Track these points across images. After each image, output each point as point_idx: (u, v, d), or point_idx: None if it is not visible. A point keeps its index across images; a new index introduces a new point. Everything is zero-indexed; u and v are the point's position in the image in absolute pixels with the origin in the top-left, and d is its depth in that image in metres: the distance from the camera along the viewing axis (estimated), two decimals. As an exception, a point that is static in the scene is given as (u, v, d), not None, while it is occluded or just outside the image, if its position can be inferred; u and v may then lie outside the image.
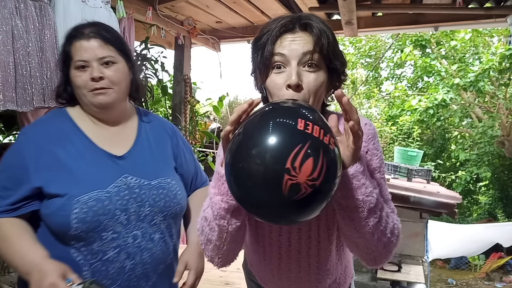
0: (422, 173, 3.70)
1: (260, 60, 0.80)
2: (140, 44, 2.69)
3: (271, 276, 0.99)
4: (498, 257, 6.16)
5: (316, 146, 0.63)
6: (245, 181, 0.64)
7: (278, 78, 0.78)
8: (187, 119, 3.21)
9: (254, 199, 0.66)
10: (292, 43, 0.78)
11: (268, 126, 0.64)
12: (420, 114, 7.72)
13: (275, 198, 0.63)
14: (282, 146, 0.62)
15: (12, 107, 1.32)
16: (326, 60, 0.80)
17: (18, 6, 1.34)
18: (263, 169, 0.62)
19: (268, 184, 0.62)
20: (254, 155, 0.63)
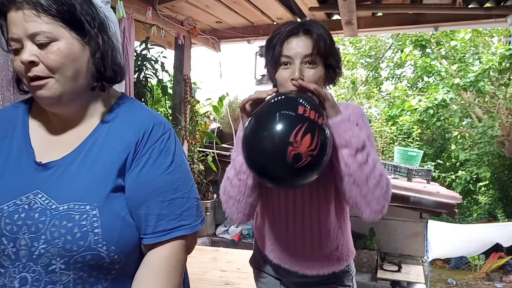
0: (422, 173, 3.70)
1: (271, 58, 1.03)
2: (140, 44, 2.69)
3: (280, 243, 1.13)
4: (498, 257, 6.16)
5: (313, 126, 0.84)
6: (260, 158, 0.86)
7: (284, 73, 1.01)
8: (187, 119, 3.21)
9: (267, 170, 0.87)
10: (297, 47, 0.99)
11: (275, 114, 0.86)
12: (420, 114, 7.72)
13: (283, 166, 0.84)
14: (287, 126, 0.83)
15: None
16: (323, 59, 1.01)
17: (17, 6, 1.34)
18: (272, 146, 0.83)
19: (277, 156, 0.83)
20: (266, 136, 0.84)
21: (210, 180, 3.84)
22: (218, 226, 3.88)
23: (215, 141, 3.69)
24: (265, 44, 1.07)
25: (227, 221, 3.95)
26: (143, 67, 2.58)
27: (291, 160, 0.82)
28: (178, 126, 3.01)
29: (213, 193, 3.82)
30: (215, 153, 3.76)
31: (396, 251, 3.39)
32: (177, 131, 2.88)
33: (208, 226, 3.73)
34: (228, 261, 2.30)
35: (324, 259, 1.12)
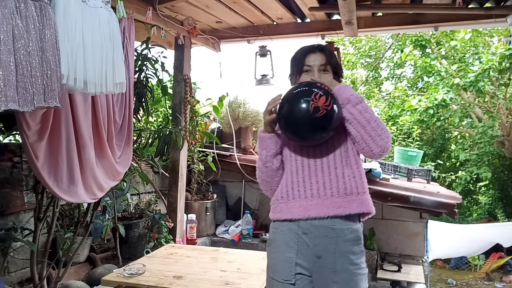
0: (422, 173, 3.70)
1: (296, 67, 1.53)
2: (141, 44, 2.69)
3: (302, 190, 1.43)
4: (498, 257, 6.16)
5: (326, 92, 1.34)
6: (291, 115, 1.36)
7: (306, 77, 1.49)
8: (187, 119, 3.20)
9: (294, 123, 1.36)
10: (315, 60, 1.50)
11: (301, 87, 1.39)
12: (420, 114, 7.71)
13: (306, 115, 1.32)
14: (309, 90, 1.34)
15: (14, 107, 1.31)
16: (332, 68, 1.52)
17: (18, 6, 1.34)
18: (300, 103, 1.33)
19: (302, 109, 1.32)
20: (295, 99, 1.36)
21: (210, 180, 3.83)
22: (218, 226, 3.88)
23: (215, 141, 3.69)
24: (291, 59, 1.56)
25: (227, 221, 3.95)
26: (144, 67, 2.58)
27: (311, 110, 1.30)
28: (178, 126, 3.01)
29: (213, 193, 3.82)
30: (215, 153, 3.76)
31: (396, 251, 3.39)
32: (177, 131, 2.87)
33: (208, 226, 3.73)
34: (228, 261, 2.29)
35: (341, 201, 1.39)
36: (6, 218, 2.32)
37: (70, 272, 2.56)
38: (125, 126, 2.21)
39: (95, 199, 2.07)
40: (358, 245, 1.40)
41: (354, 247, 1.38)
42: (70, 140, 1.84)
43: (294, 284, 1.40)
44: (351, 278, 1.35)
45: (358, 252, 1.38)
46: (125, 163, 2.24)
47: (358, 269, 1.37)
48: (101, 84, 1.71)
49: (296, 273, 1.40)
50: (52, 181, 1.77)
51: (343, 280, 1.35)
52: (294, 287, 1.40)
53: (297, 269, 1.40)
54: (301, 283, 1.40)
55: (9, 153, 2.35)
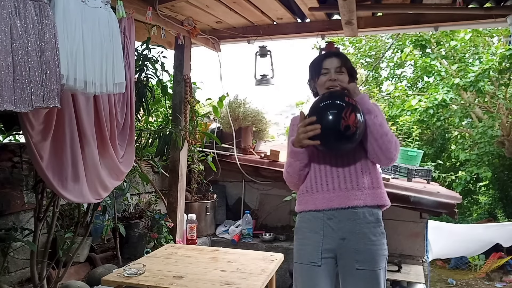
0: (422, 173, 3.69)
1: (315, 71, 1.71)
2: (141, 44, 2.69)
3: (325, 184, 1.59)
4: (498, 257, 6.16)
5: (355, 108, 1.46)
6: (320, 131, 1.46)
7: (324, 78, 1.67)
8: (187, 119, 3.20)
9: (325, 138, 1.47)
10: (332, 63, 1.67)
11: (330, 99, 1.52)
12: (420, 114, 7.70)
13: (337, 133, 1.44)
14: (339, 106, 1.45)
15: (10, 107, 1.31)
16: (348, 70, 1.68)
17: (17, 6, 1.34)
18: (330, 122, 1.45)
19: (333, 127, 1.44)
20: (325, 121, 1.46)
21: (210, 180, 3.83)
22: (218, 226, 3.88)
23: (215, 141, 3.69)
24: (309, 66, 1.75)
25: (227, 221, 3.95)
26: (144, 67, 2.58)
27: (343, 129, 1.43)
28: (178, 126, 3.01)
29: (213, 193, 3.82)
30: (215, 153, 3.76)
31: (396, 251, 3.39)
32: (177, 131, 2.87)
33: (208, 226, 3.73)
34: (228, 261, 2.29)
35: (360, 192, 1.55)
36: (6, 218, 2.32)
37: (70, 272, 2.56)
38: (127, 126, 2.21)
39: (100, 199, 2.07)
40: (379, 227, 1.57)
41: (375, 228, 1.55)
42: (73, 139, 1.84)
43: (321, 266, 1.55)
44: (372, 257, 1.51)
45: (379, 233, 1.55)
46: (128, 163, 2.24)
47: (379, 249, 1.53)
48: (101, 84, 1.71)
49: (323, 256, 1.55)
50: (57, 181, 1.77)
51: (365, 259, 1.51)
52: (320, 268, 1.55)
53: (323, 253, 1.55)
54: (327, 266, 1.56)
55: (9, 153, 2.35)
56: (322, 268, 1.54)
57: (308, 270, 1.56)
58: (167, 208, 3.26)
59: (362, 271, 1.50)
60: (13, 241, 2.07)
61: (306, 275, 1.56)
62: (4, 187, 2.30)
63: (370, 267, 1.50)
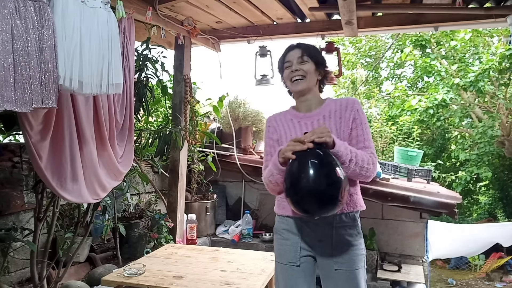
0: (422, 173, 3.69)
1: (280, 66, 1.68)
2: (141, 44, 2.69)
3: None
4: (498, 257, 6.16)
5: (346, 183, 1.39)
6: (312, 205, 1.37)
7: (288, 70, 1.62)
8: (187, 119, 3.20)
9: (307, 202, 1.37)
10: (293, 55, 1.62)
11: (326, 179, 1.35)
12: (420, 114, 7.70)
13: (327, 207, 1.37)
14: (337, 189, 1.34)
15: (11, 107, 1.31)
16: (312, 58, 1.61)
17: (17, 7, 1.34)
18: (328, 200, 1.37)
19: (330, 206, 1.36)
20: (321, 190, 1.35)
21: (210, 180, 3.83)
22: (218, 226, 3.88)
23: (215, 141, 3.69)
24: (278, 61, 1.70)
25: (227, 221, 3.95)
26: (144, 67, 2.58)
27: (336, 206, 1.35)
28: (178, 126, 3.01)
29: (213, 193, 3.81)
30: (215, 153, 3.76)
31: (396, 251, 3.39)
32: (177, 131, 2.87)
33: (208, 226, 3.73)
34: (228, 261, 2.29)
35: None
36: (6, 218, 2.32)
37: (70, 272, 2.56)
38: (126, 126, 2.21)
39: (98, 199, 2.07)
40: (355, 227, 1.56)
41: (351, 230, 1.55)
42: (72, 140, 1.84)
43: (299, 266, 1.56)
44: (349, 258, 1.51)
45: (355, 234, 1.55)
46: (127, 163, 2.24)
47: (356, 249, 1.53)
48: (97, 85, 1.71)
49: (302, 256, 1.56)
50: (56, 181, 1.77)
51: (343, 260, 1.51)
52: (299, 268, 1.56)
53: (302, 252, 1.56)
54: (306, 264, 1.56)
55: (9, 153, 2.35)
56: (301, 268, 1.56)
57: (287, 270, 1.58)
58: (167, 208, 3.26)
59: (340, 271, 1.51)
60: (13, 241, 2.07)
61: (286, 275, 1.59)
62: (4, 187, 2.30)
63: (348, 267, 1.51)
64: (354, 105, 1.59)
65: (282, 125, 1.67)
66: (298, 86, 1.60)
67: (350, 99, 1.62)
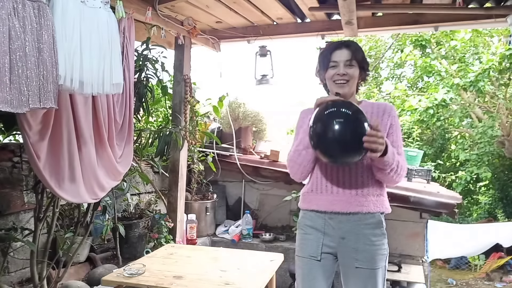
0: (422, 173, 3.69)
1: (323, 63, 1.61)
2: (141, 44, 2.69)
3: (330, 186, 1.60)
4: (498, 257, 6.16)
5: None
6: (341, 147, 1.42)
7: (332, 71, 1.59)
8: (187, 119, 3.20)
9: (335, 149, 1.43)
10: (341, 56, 1.58)
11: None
12: (420, 114, 7.70)
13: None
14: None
15: (6, 108, 1.30)
16: (358, 63, 1.59)
17: (16, 7, 1.33)
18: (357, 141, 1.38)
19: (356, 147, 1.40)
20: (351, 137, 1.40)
21: (210, 180, 3.83)
22: (218, 226, 3.88)
23: (215, 141, 3.69)
24: (319, 55, 1.66)
25: (227, 221, 3.94)
26: (144, 67, 2.58)
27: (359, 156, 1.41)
28: (178, 126, 3.01)
29: (213, 193, 3.81)
30: (215, 153, 3.76)
31: (396, 251, 3.39)
32: (177, 131, 2.87)
33: (208, 226, 3.73)
34: (228, 261, 2.29)
35: (363, 199, 1.56)
36: (6, 218, 2.32)
37: (70, 272, 2.56)
38: (125, 126, 2.21)
39: (96, 199, 2.07)
40: (379, 228, 1.58)
41: (375, 230, 1.57)
42: (71, 140, 1.84)
43: (320, 260, 1.59)
44: (371, 257, 1.53)
45: (379, 234, 1.57)
46: (126, 163, 2.24)
47: (378, 249, 1.55)
48: (98, 85, 1.71)
49: (323, 252, 1.59)
50: (54, 181, 1.76)
51: (364, 258, 1.53)
52: (319, 263, 1.59)
53: (324, 248, 1.59)
54: (327, 261, 1.59)
55: (9, 153, 2.35)
56: (321, 263, 1.59)
57: (307, 263, 1.61)
58: (167, 208, 3.26)
59: (361, 269, 1.54)
60: (13, 241, 2.07)
61: (306, 268, 1.62)
62: (4, 187, 2.30)
63: (369, 266, 1.53)
64: (392, 111, 1.64)
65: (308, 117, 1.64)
66: (341, 90, 1.59)
67: (388, 105, 1.67)
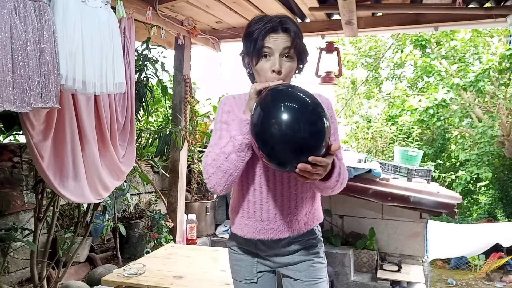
0: (422, 173, 3.69)
1: (253, 50, 1.16)
2: (142, 44, 2.69)
3: (258, 216, 1.30)
4: (498, 257, 6.16)
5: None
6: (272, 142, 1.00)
7: (266, 64, 1.17)
8: (187, 119, 3.20)
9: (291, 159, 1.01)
10: (276, 40, 1.15)
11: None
12: (420, 114, 7.72)
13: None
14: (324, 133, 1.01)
15: (10, 107, 1.31)
16: (297, 53, 1.20)
17: (17, 7, 1.34)
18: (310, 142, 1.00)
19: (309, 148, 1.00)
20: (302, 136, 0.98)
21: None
22: (218, 226, 3.88)
23: (215, 141, 3.68)
24: (244, 37, 1.21)
25: (227, 221, 3.94)
26: (144, 67, 2.58)
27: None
28: (178, 126, 3.01)
29: (213, 194, 3.82)
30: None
31: (396, 251, 3.39)
32: (177, 131, 2.87)
33: (208, 226, 3.73)
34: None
35: (295, 222, 1.30)
36: (6, 218, 2.32)
37: (70, 272, 2.56)
38: (127, 126, 2.21)
39: (100, 199, 2.07)
40: (314, 238, 1.38)
41: (309, 240, 1.37)
42: (74, 139, 1.84)
43: (257, 282, 1.40)
44: (309, 265, 1.35)
45: (314, 244, 1.38)
46: (129, 163, 2.24)
47: (316, 257, 1.36)
48: (100, 84, 1.71)
49: (258, 271, 1.39)
50: (58, 181, 1.77)
51: (301, 270, 1.35)
52: (257, 284, 1.40)
53: (259, 267, 1.39)
54: (264, 280, 1.41)
55: (9, 153, 2.35)
56: (258, 284, 1.40)
57: (244, 287, 1.42)
58: (167, 208, 3.26)
59: (299, 281, 1.37)
60: (13, 241, 2.07)
61: None
62: (4, 187, 2.30)
63: (307, 277, 1.36)
64: (329, 104, 1.26)
65: (238, 109, 1.27)
66: None
67: (322, 97, 1.26)
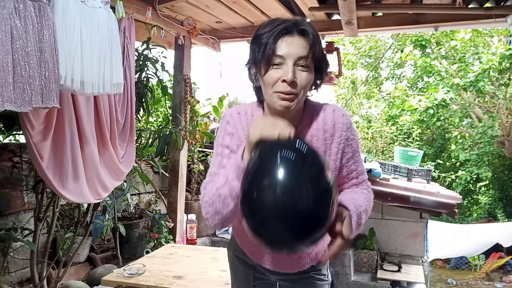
0: (422, 173, 3.69)
1: (262, 56, 0.94)
2: (142, 44, 2.70)
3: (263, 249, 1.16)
4: (498, 257, 6.16)
5: None
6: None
7: (275, 73, 0.93)
8: (187, 119, 3.20)
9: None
10: (290, 45, 0.93)
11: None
12: (420, 114, 7.72)
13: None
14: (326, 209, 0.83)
15: (10, 107, 1.31)
16: (315, 63, 0.97)
17: (17, 7, 1.34)
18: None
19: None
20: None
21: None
22: (218, 226, 3.88)
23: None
24: (252, 41, 0.98)
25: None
26: (144, 67, 2.58)
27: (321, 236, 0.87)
28: (178, 126, 3.01)
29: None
30: (215, 153, 3.75)
31: (396, 251, 3.39)
32: (177, 131, 2.88)
33: (208, 226, 3.73)
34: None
35: (305, 257, 1.16)
36: (6, 218, 2.32)
37: (70, 272, 2.56)
38: (127, 126, 2.21)
39: (100, 199, 2.07)
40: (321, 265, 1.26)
41: (316, 267, 1.24)
42: (74, 139, 1.84)
43: None
44: (311, 280, 1.22)
45: (319, 267, 1.25)
46: (129, 163, 2.24)
47: (317, 275, 1.23)
48: (98, 85, 1.71)
49: (255, 283, 1.29)
50: (57, 181, 1.77)
51: (303, 282, 1.23)
52: None
53: (255, 277, 1.28)
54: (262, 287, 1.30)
55: (9, 153, 2.35)
56: None
57: None
58: (167, 208, 3.26)
59: None
60: (13, 241, 2.07)
61: None
62: (4, 187, 2.30)
63: None
64: (349, 126, 1.07)
65: (243, 129, 1.08)
66: (284, 105, 0.95)
67: (338, 118, 1.05)
